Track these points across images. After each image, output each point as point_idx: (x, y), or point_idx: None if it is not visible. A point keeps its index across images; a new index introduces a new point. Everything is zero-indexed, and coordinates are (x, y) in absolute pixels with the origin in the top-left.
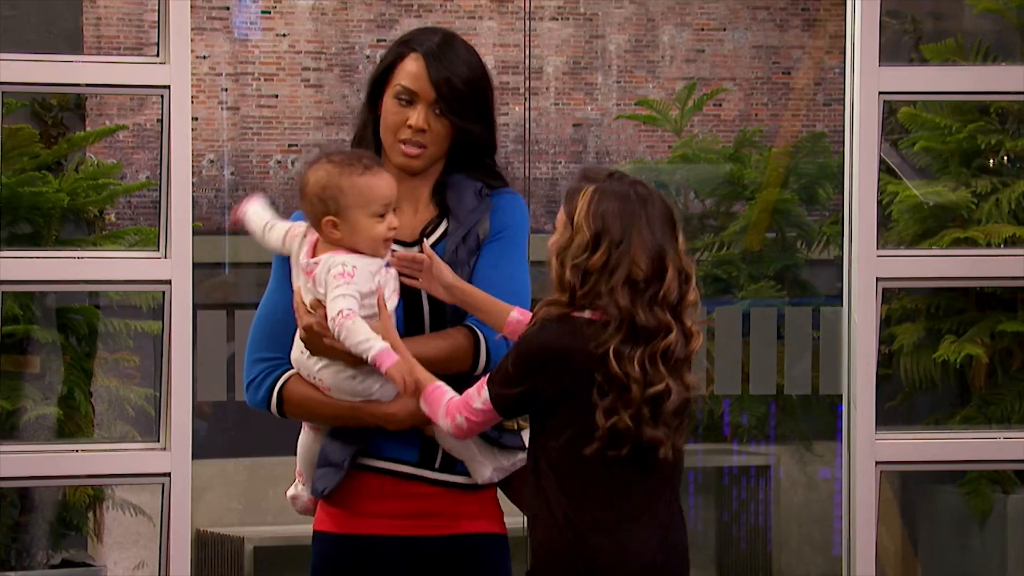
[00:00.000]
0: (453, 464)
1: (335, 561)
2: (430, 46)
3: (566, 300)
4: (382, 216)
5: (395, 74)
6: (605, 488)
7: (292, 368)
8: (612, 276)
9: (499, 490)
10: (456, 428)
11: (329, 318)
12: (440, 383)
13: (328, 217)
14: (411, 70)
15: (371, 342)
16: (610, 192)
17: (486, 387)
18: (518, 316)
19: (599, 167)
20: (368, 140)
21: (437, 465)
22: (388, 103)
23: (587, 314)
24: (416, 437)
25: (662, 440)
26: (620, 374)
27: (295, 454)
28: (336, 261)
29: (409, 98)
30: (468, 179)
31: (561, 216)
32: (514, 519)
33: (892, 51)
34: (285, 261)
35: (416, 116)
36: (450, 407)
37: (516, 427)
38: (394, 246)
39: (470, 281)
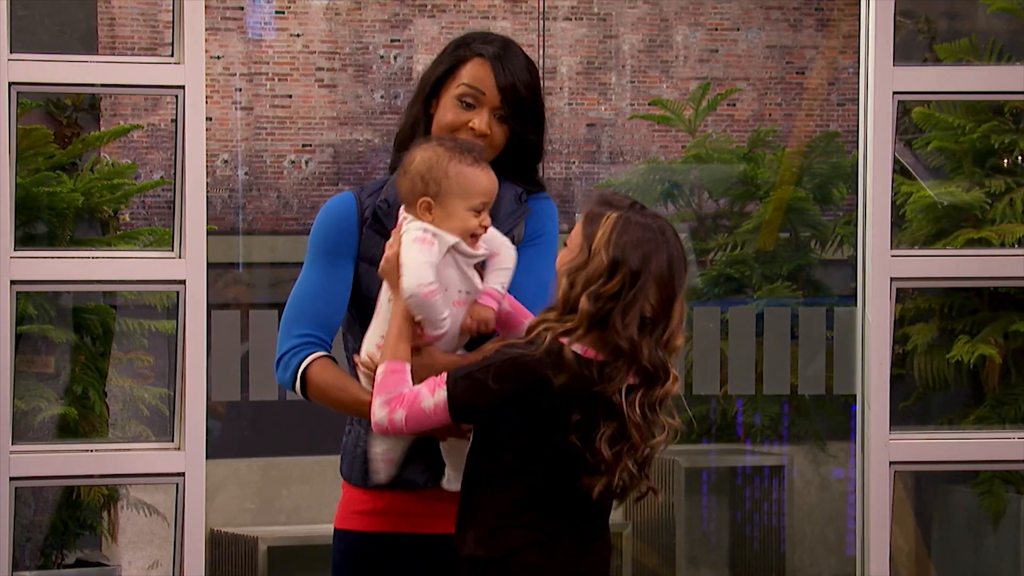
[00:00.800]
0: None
1: (356, 559)
2: (495, 51)
3: (570, 322)
4: (478, 212)
5: (457, 76)
6: (545, 511)
7: (318, 350)
8: (628, 311)
9: None
10: (389, 422)
11: (413, 284)
12: (406, 368)
13: (425, 198)
14: (477, 74)
15: (448, 320)
16: (633, 223)
17: (443, 388)
18: (507, 307)
19: (619, 194)
20: (418, 136)
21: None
22: (448, 104)
23: (578, 348)
24: (422, 461)
25: (638, 484)
26: (626, 415)
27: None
28: (418, 225)
29: (473, 102)
30: (509, 183)
31: (577, 235)
32: None
33: (906, 51)
34: (329, 244)
35: (479, 120)
36: (396, 399)
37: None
38: None
39: (512, 285)
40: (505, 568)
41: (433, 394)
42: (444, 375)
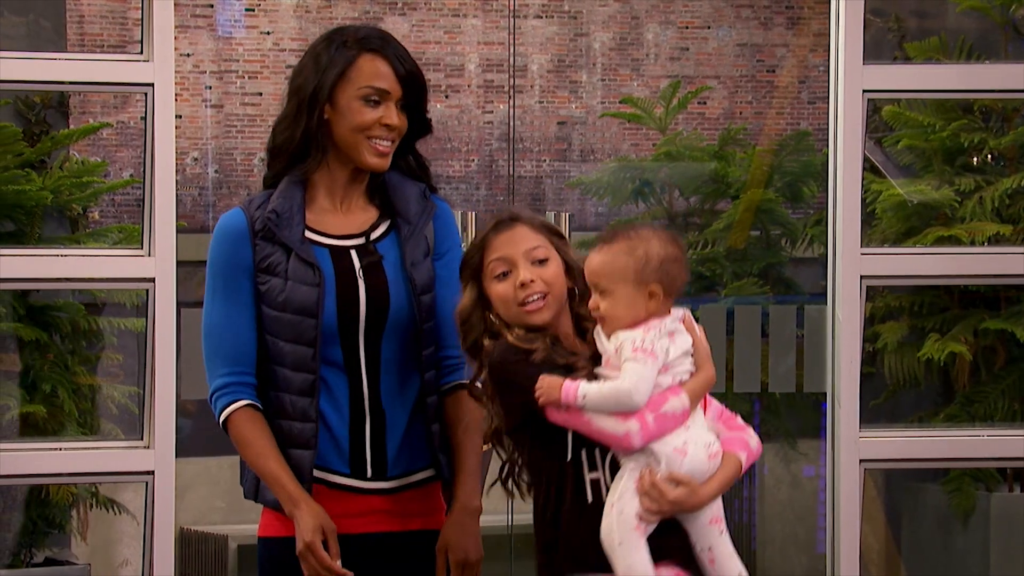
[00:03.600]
0: (384, 471)
1: (281, 564)
2: (382, 43)
3: None
4: None
5: (352, 77)
6: None
7: (241, 397)
8: None
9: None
10: None
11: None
12: None
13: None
14: (377, 70)
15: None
16: None
17: None
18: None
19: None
20: (317, 144)
21: (369, 475)
22: (352, 106)
23: None
24: (345, 449)
25: None
26: None
27: None
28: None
29: (379, 98)
30: (407, 179)
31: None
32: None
33: (876, 49)
34: (226, 266)
35: (390, 114)
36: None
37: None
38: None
39: (436, 297)
40: None
41: None
42: None
